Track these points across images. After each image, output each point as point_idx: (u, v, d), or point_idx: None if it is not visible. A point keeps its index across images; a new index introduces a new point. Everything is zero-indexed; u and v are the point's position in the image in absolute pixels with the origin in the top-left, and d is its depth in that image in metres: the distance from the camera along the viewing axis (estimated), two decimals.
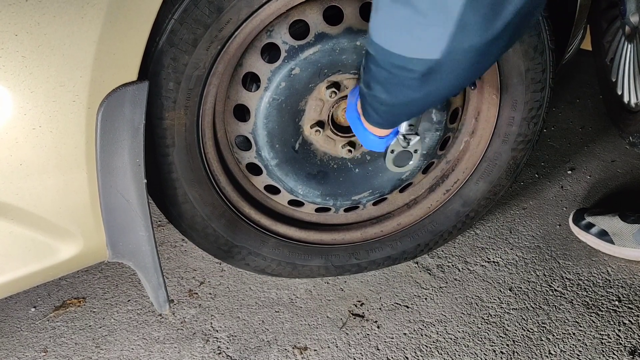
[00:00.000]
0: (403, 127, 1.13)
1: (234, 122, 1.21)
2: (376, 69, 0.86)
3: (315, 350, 1.36)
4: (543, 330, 1.38)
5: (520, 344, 1.35)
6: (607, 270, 1.51)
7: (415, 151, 1.17)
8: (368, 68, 0.89)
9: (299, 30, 1.14)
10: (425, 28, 0.73)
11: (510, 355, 1.33)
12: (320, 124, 1.23)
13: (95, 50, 0.87)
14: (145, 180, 1.03)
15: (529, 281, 1.50)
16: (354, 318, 1.43)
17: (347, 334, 1.39)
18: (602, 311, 1.42)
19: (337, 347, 1.36)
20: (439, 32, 0.73)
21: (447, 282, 1.51)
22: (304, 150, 1.26)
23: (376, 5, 0.79)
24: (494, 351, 1.34)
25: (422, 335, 1.38)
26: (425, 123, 1.29)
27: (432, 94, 0.87)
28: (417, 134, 1.15)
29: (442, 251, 1.59)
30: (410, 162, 1.18)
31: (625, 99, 1.89)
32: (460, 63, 0.77)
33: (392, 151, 1.15)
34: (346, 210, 1.42)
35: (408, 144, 1.15)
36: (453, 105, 1.31)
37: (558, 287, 1.48)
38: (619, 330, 1.37)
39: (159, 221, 1.70)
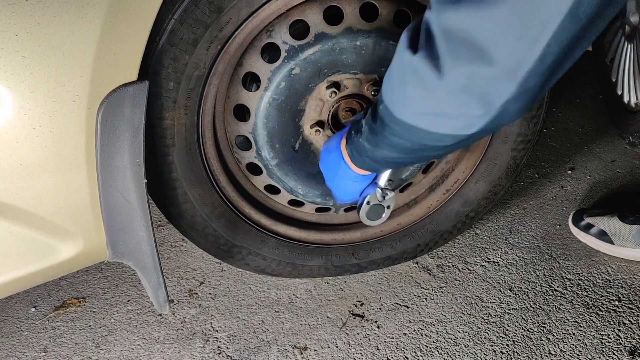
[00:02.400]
0: (383, 180, 1.14)
1: (234, 122, 1.21)
2: (395, 138, 0.85)
3: (315, 350, 1.36)
4: (543, 330, 1.38)
5: (520, 344, 1.35)
6: (607, 270, 1.51)
7: (388, 207, 1.18)
8: (381, 134, 0.87)
9: (299, 30, 1.13)
10: (463, 116, 0.74)
11: (510, 355, 1.33)
12: (320, 123, 1.23)
13: (95, 50, 0.87)
14: (145, 180, 1.03)
15: (529, 281, 1.50)
16: (354, 318, 1.43)
17: (347, 334, 1.39)
18: (602, 311, 1.42)
19: (337, 347, 1.36)
20: (478, 119, 0.73)
21: (447, 282, 1.51)
22: (304, 150, 1.26)
23: (402, 81, 0.77)
24: (494, 351, 1.34)
25: (422, 335, 1.38)
26: None
27: (452, 152, 0.87)
28: (393, 190, 1.16)
29: (442, 251, 1.59)
30: (382, 217, 1.19)
31: (625, 99, 1.89)
32: (490, 132, 0.78)
33: (368, 202, 1.16)
34: (346, 210, 1.42)
35: (384, 198, 1.16)
36: None
37: (558, 287, 1.48)
38: (619, 330, 1.37)
39: (159, 221, 1.70)
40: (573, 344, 1.34)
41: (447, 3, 0.66)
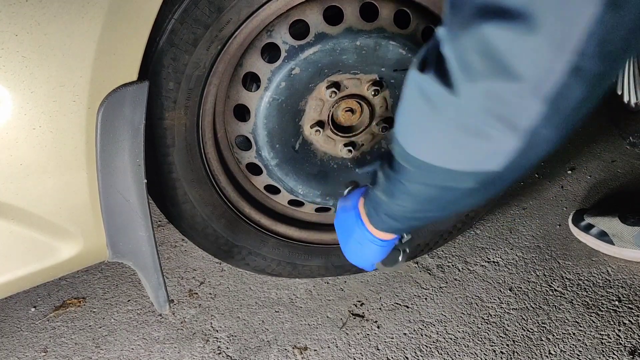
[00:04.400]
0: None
1: (234, 122, 1.21)
2: (410, 184, 0.76)
3: (315, 350, 1.36)
4: (543, 330, 1.38)
5: (520, 344, 1.35)
6: (607, 270, 1.51)
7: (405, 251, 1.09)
8: (395, 180, 0.78)
9: (299, 30, 1.13)
10: (482, 143, 0.63)
11: (510, 355, 1.33)
12: (320, 123, 1.23)
13: (95, 50, 0.87)
14: (146, 181, 1.03)
15: (529, 281, 1.50)
16: (354, 318, 1.43)
17: (347, 334, 1.39)
18: (602, 311, 1.42)
19: (337, 347, 1.36)
20: (501, 148, 0.63)
21: (447, 282, 1.51)
22: (304, 150, 1.26)
23: (411, 104, 0.68)
24: (494, 351, 1.34)
25: (422, 335, 1.38)
26: None
27: (484, 198, 0.75)
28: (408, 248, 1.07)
29: (442, 251, 1.59)
30: (396, 265, 1.10)
31: (625, 99, 1.89)
32: (523, 168, 0.67)
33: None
34: None
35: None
36: None
37: (558, 287, 1.48)
38: (619, 330, 1.37)
39: (159, 221, 1.70)
40: (573, 344, 1.34)
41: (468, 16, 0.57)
